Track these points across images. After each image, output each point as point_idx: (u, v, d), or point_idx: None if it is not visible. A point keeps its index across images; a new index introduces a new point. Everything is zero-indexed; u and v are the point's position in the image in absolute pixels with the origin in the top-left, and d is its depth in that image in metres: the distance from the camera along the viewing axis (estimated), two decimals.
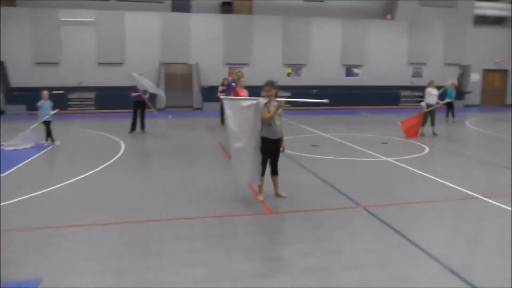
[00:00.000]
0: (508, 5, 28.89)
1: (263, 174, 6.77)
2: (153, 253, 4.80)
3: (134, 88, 14.34)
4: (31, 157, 10.30)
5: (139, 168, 9.61)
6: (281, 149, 6.77)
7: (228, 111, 6.67)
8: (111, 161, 9.90)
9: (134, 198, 6.96)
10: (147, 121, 14.96)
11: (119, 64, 23.34)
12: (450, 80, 18.90)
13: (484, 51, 28.42)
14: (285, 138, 6.84)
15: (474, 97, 28.77)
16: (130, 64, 22.87)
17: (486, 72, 29.24)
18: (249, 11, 25.38)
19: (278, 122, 6.61)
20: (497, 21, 29.80)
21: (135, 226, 5.64)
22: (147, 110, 14.80)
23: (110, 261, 4.58)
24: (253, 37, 24.97)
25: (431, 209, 6.49)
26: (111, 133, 14.16)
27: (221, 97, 6.71)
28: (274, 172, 6.88)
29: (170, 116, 20.62)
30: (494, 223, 5.89)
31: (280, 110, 6.60)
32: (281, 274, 4.32)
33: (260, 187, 6.84)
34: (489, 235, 5.44)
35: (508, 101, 29.41)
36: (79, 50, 22.94)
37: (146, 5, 24.34)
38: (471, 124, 18.16)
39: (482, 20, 29.21)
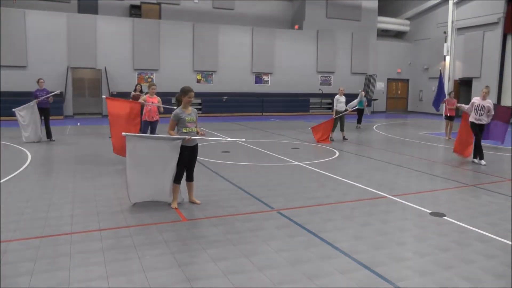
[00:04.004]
0: (406, 21, 31.57)
1: (179, 182, 6.69)
2: (63, 267, 4.52)
3: (34, 95, 13.56)
4: None
5: (47, 179, 9.06)
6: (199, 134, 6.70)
7: (131, 151, 6.48)
8: (17, 172, 9.22)
9: (41, 211, 6.53)
10: (54, 128, 14.17)
11: (21, 67, 21.89)
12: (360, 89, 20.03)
13: (387, 61, 30.47)
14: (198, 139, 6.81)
15: (380, 104, 30.46)
16: (34, 68, 21.57)
17: (390, 81, 31.17)
18: (157, 15, 24.98)
19: (194, 129, 6.58)
20: (397, 35, 32.15)
21: (43, 241, 5.29)
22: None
23: (19, 279, 4.25)
24: (162, 42, 24.55)
25: (342, 209, 6.75)
26: (15, 142, 13.21)
27: (124, 134, 6.50)
28: (190, 178, 6.83)
29: (78, 124, 19.76)
30: (400, 219, 6.25)
31: (195, 117, 6.67)
32: (197, 280, 4.27)
33: (175, 194, 6.74)
34: (395, 230, 5.76)
35: (410, 108, 31.63)
36: None
37: (50, 4, 23.02)
38: (378, 129, 19.15)
39: (384, 33, 31.32)
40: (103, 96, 10.89)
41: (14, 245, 5.15)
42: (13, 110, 13.58)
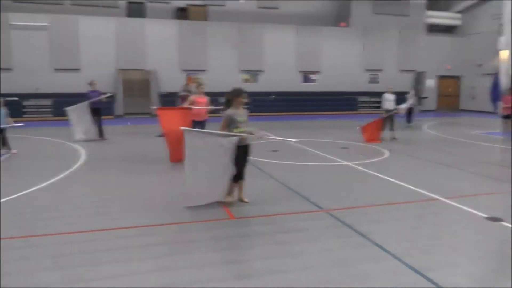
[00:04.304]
0: (457, 15, 30.24)
1: (236, 181, 6.77)
2: (117, 260, 4.68)
3: (87, 96, 14.03)
4: None
5: (99, 176, 9.37)
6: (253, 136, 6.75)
7: (189, 146, 6.51)
8: (72, 169, 9.62)
9: (94, 207, 6.78)
10: (106, 128, 14.63)
11: (75, 70, 22.76)
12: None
13: (437, 57, 29.40)
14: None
15: (430, 102, 29.64)
16: (87, 70, 22.35)
17: (440, 78, 30.22)
18: (204, 17, 25.29)
19: (245, 129, 6.64)
20: (448, 29, 31.02)
21: (97, 235, 5.49)
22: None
23: (73, 271, 4.43)
24: (209, 43, 24.87)
25: (392, 211, 6.60)
26: (70, 140, 13.74)
27: (182, 128, 6.60)
28: (241, 177, 6.86)
29: (128, 123, 20.31)
30: (453, 223, 6.06)
31: (246, 118, 6.77)
32: (244, 278, 4.29)
33: (230, 191, 6.81)
34: (447, 234, 5.57)
35: (462, 106, 30.47)
36: (33, 56, 22.20)
37: (101, 9, 23.85)
38: (429, 128, 18.67)
39: (433, 28, 30.30)
40: (154, 107, 11.15)
41: (70, 237, 5.37)
42: (65, 109, 14.11)
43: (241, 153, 6.67)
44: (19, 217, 6.20)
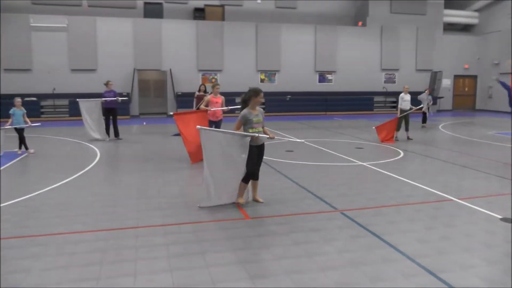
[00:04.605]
0: (474, 13, 29.84)
1: (248, 182, 6.79)
2: (129, 259, 4.76)
3: (103, 96, 14.22)
4: (4, 165, 10.10)
5: (114, 175, 9.53)
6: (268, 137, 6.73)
7: (205, 145, 6.51)
8: (87, 168, 9.79)
9: (109, 206, 6.89)
10: (122, 127, 14.81)
11: (92, 70, 23.06)
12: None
13: (454, 57, 29.12)
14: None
15: (446, 102, 29.38)
16: (103, 71, 22.63)
17: (457, 77, 29.94)
18: (221, 17, 25.39)
19: (260, 129, 6.65)
20: (465, 28, 30.68)
21: (111, 234, 5.58)
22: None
23: (87, 269, 4.52)
24: (225, 43, 24.95)
25: (406, 211, 6.60)
26: (85, 140, 13.97)
27: (198, 127, 6.62)
28: (255, 177, 6.88)
29: (144, 123, 20.49)
30: (466, 224, 6.03)
31: (262, 117, 6.78)
32: (259, 278, 4.34)
33: (242, 191, 6.84)
34: (461, 235, 5.56)
35: (478, 106, 30.15)
36: (51, 56, 22.54)
37: (118, 10, 24.10)
38: (444, 128, 18.53)
39: (451, 27, 29.99)
40: (171, 113, 11.28)
41: (87, 236, 5.49)
42: (77, 100, 14.42)
43: (256, 153, 6.70)
44: (35, 216, 6.33)
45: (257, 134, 6.51)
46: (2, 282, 4.22)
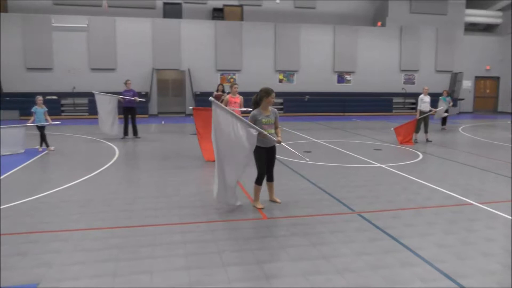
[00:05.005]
0: (498, 13, 29.24)
1: (261, 183, 6.73)
2: (146, 257, 4.80)
3: (122, 95, 14.38)
4: (25, 162, 10.28)
5: (132, 173, 9.61)
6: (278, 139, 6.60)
7: (215, 120, 6.30)
8: (106, 166, 9.91)
9: (127, 203, 6.95)
10: (140, 126, 14.93)
11: (111, 70, 23.32)
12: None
13: (475, 58, 28.68)
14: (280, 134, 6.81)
15: (466, 104, 28.98)
16: (122, 70, 22.87)
17: (478, 79, 29.49)
18: (240, 17, 25.43)
19: (271, 131, 6.55)
20: (487, 28, 30.14)
21: (129, 231, 5.63)
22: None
23: (105, 265, 4.57)
24: (244, 43, 25.01)
25: (425, 215, 6.51)
26: (104, 138, 14.13)
27: (211, 99, 6.55)
28: (270, 178, 6.86)
29: (163, 122, 20.64)
30: (486, 228, 5.92)
31: (275, 118, 6.66)
32: (275, 278, 4.33)
33: (257, 195, 6.80)
34: (481, 240, 5.47)
35: (501, 108, 29.67)
36: (72, 56, 22.87)
37: (137, 10, 24.35)
38: (464, 130, 18.29)
39: (472, 27, 29.52)
40: (190, 107, 11.34)
41: (103, 233, 5.55)
42: (93, 92, 14.63)
43: (266, 155, 6.64)
44: (55, 212, 6.43)
45: (265, 132, 6.37)
46: (26, 276, 4.30)
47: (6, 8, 22.92)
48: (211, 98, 6.50)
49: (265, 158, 6.64)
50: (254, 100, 6.68)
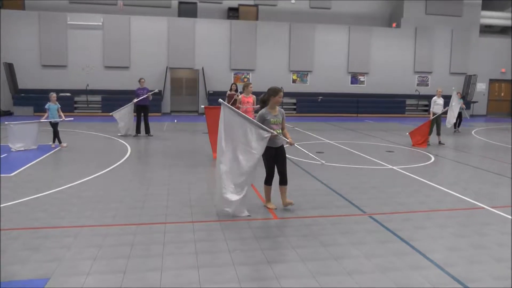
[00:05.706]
0: None
1: (270, 183, 6.66)
2: (157, 254, 4.83)
3: (136, 93, 14.52)
4: (38, 158, 10.39)
5: (144, 171, 9.67)
6: (287, 141, 6.53)
7: (224, 122, 6.19)
8: (118, 163, 9.98)
9: (139, 200, 7.00)
10: (153, 124, 15.01)
11: (125, 68, 23.48)
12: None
13: (489, 60, 28.35)
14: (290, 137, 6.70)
15: (480, 107, 28.69)
16: (136, 68, 23.02)
17: (492, 82, 29.18)
18: (255, 17, 25.45)
19: (278, 131, 6.44)
20: (503, 30, 29.79)
21: (139, 228, 5.67)
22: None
23: (115, 262, 4.61)
24: (259, 43, 25.04)
25: (436, 218, 6.48)
26: (117, 136, 14.24)
27: (220, 100, 6.53)
28: (283, 182, 6.63)
29: (175, 120, 20.73)
30: (499, 233, 5.87)
31: (282, 118, 6.58)
32: (285, 278, 4.33)
33: (267, 195, 6.76)
34: (493, 244, 5.42)
35: None
36: (86, 54, 23.08)
37: (152, 9, 24.49)
38: (477, 134, 18.12)
39: (487, 30, 29.20)
40: (202, 106, 11.38)
41: (114, 229, 5.60)
42: (111, 114, 14.82)
43: (275, 156, 6.54)
44: (67, 208, 6.49)
45: (275, 132, 6.28)
46: (37, 270, 4.35)
47: (23, 6, 23.18)
48: (220, 100, 6.50)
49: (274, 158, 6.56)
50: (262, 99, 6.63)
